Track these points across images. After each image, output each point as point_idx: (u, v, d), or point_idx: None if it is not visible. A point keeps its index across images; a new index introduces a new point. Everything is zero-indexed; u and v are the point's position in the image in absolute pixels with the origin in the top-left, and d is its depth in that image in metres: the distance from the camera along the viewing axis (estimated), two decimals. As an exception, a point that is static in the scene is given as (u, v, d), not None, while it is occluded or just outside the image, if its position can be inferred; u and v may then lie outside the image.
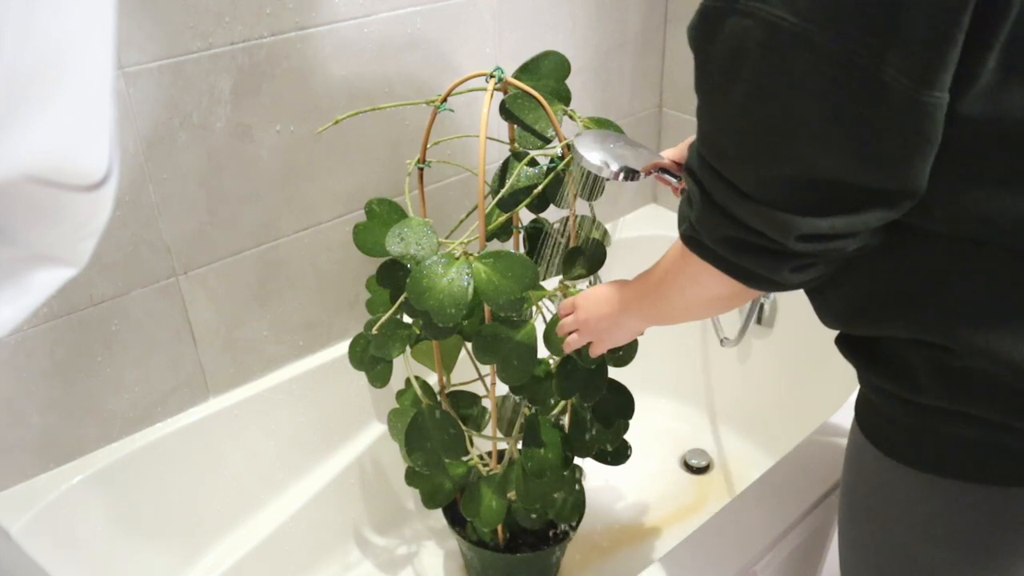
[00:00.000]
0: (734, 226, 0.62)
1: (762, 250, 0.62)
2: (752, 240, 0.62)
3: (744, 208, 0.61)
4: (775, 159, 0.57)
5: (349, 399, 1.41)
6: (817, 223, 0.58)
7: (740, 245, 0.63)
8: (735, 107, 0.57)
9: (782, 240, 0.60)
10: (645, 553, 1.47)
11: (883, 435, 0.73)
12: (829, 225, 0.58)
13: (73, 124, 0.36)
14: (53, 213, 0.39)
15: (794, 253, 0.61)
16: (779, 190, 0.58)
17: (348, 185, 1.29)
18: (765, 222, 0.60)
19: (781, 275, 0.63)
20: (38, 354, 1.09)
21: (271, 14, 1.11)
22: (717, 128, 0.61)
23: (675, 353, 1.76)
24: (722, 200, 0.62)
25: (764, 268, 0.63)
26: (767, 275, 0.64)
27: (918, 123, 0.53)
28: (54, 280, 0.41)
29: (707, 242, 0.66)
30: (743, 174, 0.60)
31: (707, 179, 0.63)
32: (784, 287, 0.66)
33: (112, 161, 0.39)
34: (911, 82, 0.51)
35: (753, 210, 0.60)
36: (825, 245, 0.60)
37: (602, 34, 1.55)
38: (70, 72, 0.34)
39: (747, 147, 0.59)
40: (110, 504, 1.19)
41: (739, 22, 0.54)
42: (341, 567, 1.45)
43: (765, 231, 0.60)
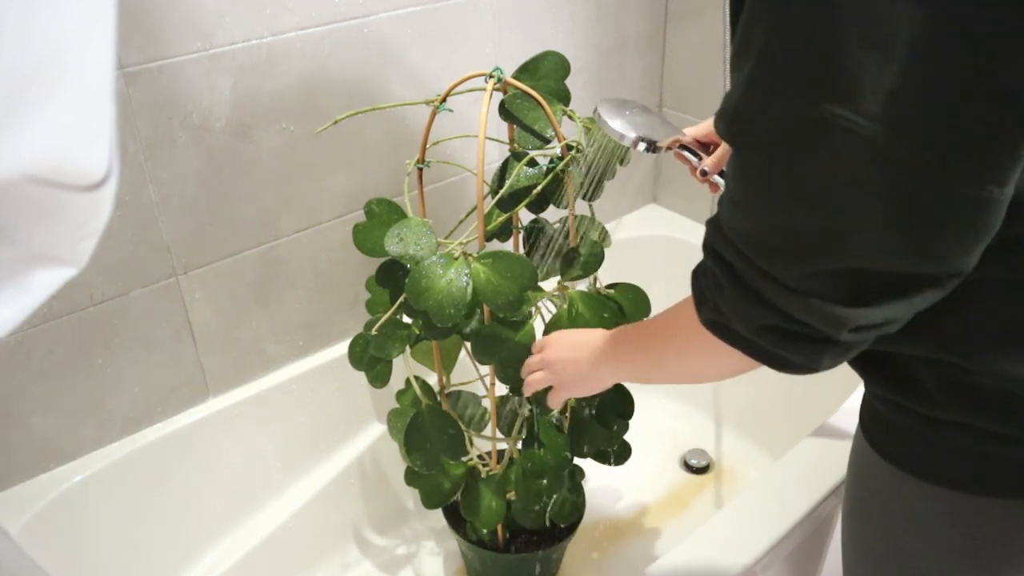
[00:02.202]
0: (776, 316, 0.58)
1: (806, 339, 0.58)
2: (795, 330, 0.58)
3: (790, 301, 0.57)
4: (829, 256, 0.54)
5: (349, 399, 1.41)
6: (870, 314, 0.55)
7: (782, 335, 0.59)
8: (787, 204, 0.54)
9: (832, 333, 0.57)
10: (645, 553, 1.47)
11: (889, 444, 0.72)
12: (882, 315, 0.55)
13: (73, 124, 0.36)
14: (53, 213, 0.39)
15: (841, 343, 0.58)
16: (829, 284, 0.55)
17: (348, 185, 1.30)
18: (814, 315, 0.56)
19: (821, 364, 0.60)
20: (38, 354, 1.09)
21: (271, 14, 1.11)
22: (762, 222, 0.57)
23: (675, 353, 1.76)
24: (762, 290, 0.58)
25: (804, 358, 0.60)
26: (805, 364, 0.61)
27: (984, 217, 0.51)
28: (54, 280, 0.41)
29: (740, 331, 0.62)
30: (788, 269, 0.56)
31: (741, 266, 0.59)
32: (815, 370, 0.62)
33: (112, 161, 0.39)
34: (979, 179, 0.49)
35: (800, 303, 0.56)
36: (874, 333, 0.57)
37: (602, 34, 1.55)
38: (70, 72, 0.34)
39: (799, 244, 0.55)
40: (110, 504, 1.19)
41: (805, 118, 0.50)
42: (341, 567, 1.45)
43: (813, 323, 0.57)
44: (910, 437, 0.69)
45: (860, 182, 0.50)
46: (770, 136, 0.53)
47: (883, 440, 0.73)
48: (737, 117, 0.55)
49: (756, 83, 0.52)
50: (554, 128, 0.99)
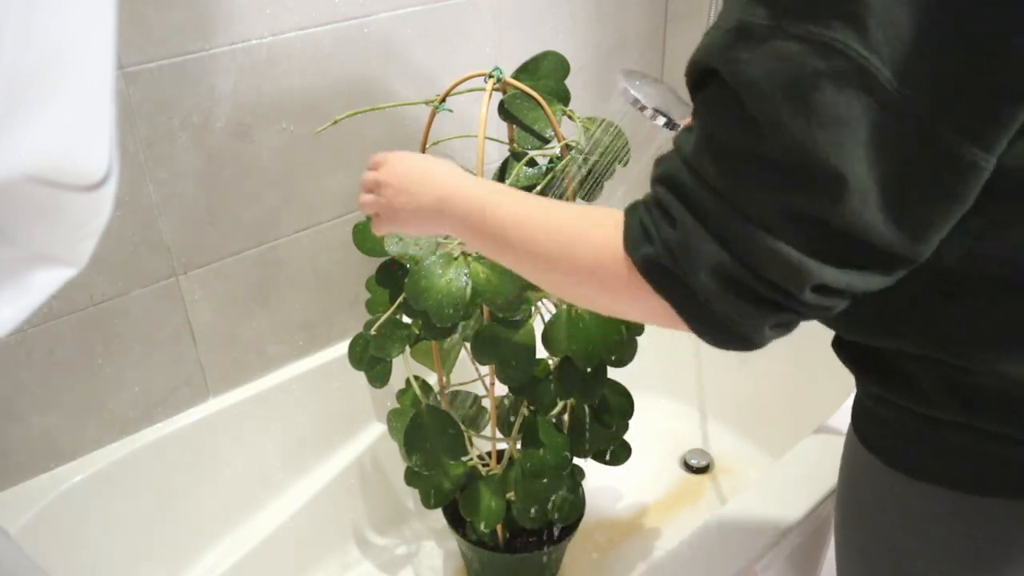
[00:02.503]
0: (732, 259, 0.52)
1: (754, 295, 0.52)
2: (746, 281, 0.52)
3: (755, 243, 0.51)
4: (812, 195, 0.49)
5: (349, 399, 1.42)
6: (837, 275, 0.51)
7: (728, 286, 0.53)
8: (769, 130, 0.50)
9: (794, 289, 0.51)
10: (645, 553, 1.47)
11: (883, 443, 0.72)
12: (845, 281, 0.51)
13: (73, 124, 0.36)
14: (53, 213, 0.39)
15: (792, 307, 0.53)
16: (802, 228, 0.50)
17: (348, 185, 1.30)
18: (779, 265, 0.51)
19: (760, 331, 0.54)
20: (38, 354, 1.09)
21: (271, 14, 1.11)
22: (737, 147, 0.52)
23: (675, 353, 1.76)
24: (723, 230, 0.52)
25: (746, 317, 0.53)
26: (743, 330, 0.54)
27: (961, 183, 0.49)
28: (54, 280, 0.41)
29: (680, 275, 0.54)
30: (762, 202, 0.51)
31: (705, 201, 0.53)
32: (746, 345, 0.56)
33: (112, 161, 0.39)
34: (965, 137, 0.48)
35: (767, 247, 0.50)
36: (829, 301, 0.53)
37: (602, 34, 1.55)
38: (70, 72, 0.34)
39: (778, 172, 0.50)
40: (110, 504, 1.19)
41: (787, 46, 0.48)
42: (341, 567, 1.45)
43: (775, 277, 0.51)
44: (905, 436, 0.69)
45: (848, 114, 0.48)
46: (759, 66, 0.49)
47: (877, 439, 0.73)
48: (733, 41, 0.50)
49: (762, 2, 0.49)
50: (554, 128, 0.99)
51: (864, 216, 0.50)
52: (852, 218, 0.50)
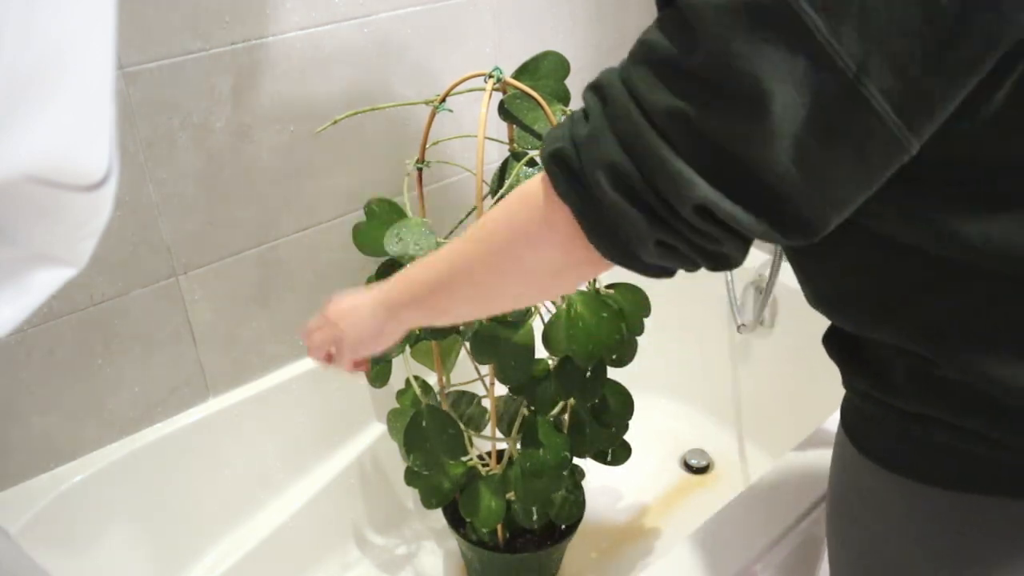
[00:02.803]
0: (626, 162, 0.52)
1: (640, 204, 0.53)
2: (635, 185, 0.52)
3: (650, 147, 0.51)
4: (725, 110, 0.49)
5: (349, 399, 1.42)
6: (722, 202, 0.50)
7: (619, 185, 0.53)
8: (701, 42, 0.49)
9: (675, 201, 0.51)
10: (645, 553, 1.47)
11: (863, 436, 0.73)
12: (727, 209, 0.50)
13: (73, 124, 0.36)
14: (53, 213, 0.39)
15: (679, 222, 0.52)
16: (701, 145, 0.50)
17: (348, 185, 1.30)
18: (666, 172, 0.51)
19: (644, 245, 0.54)
20: (38, 354, 1.09)
21: (271, 14, 1.11)
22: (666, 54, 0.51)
23: (675, 353, 1.76)
24: (627, 131, 0.53)
25: (631, 224, 0.53)
26: (629, 238, 0.54)
27: (874, 152, 0.49)
28: (54, 280, 0.41)
29: (580, 170, 0.55)
30: (671, 111, 0.51)
31: (619, 101, 0.54)
32: (634, 263, 0.57)
33: (112, 161, 0.39)
34: (892, 112, 0.47)
35: (660, 154, 0.51)
36: (710, 228, 0.52)
37: (602, 34, 1.55)
38: (70, 72, 0.34)
39: (695, 82, 0.50)
40: (110, 504, 1.19)
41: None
42: (341, 567, 1.45)
43: (660, 184, 0.51)
44: (883, 430, 0.70)
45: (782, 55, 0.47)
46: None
47: (860, 434, 0.73)
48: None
49: None
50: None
51: (767, 149, 0.49)
52: (754, 147, 0.49)
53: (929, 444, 0.66)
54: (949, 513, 0.68)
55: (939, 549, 0.70)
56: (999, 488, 0.65)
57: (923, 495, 0.68)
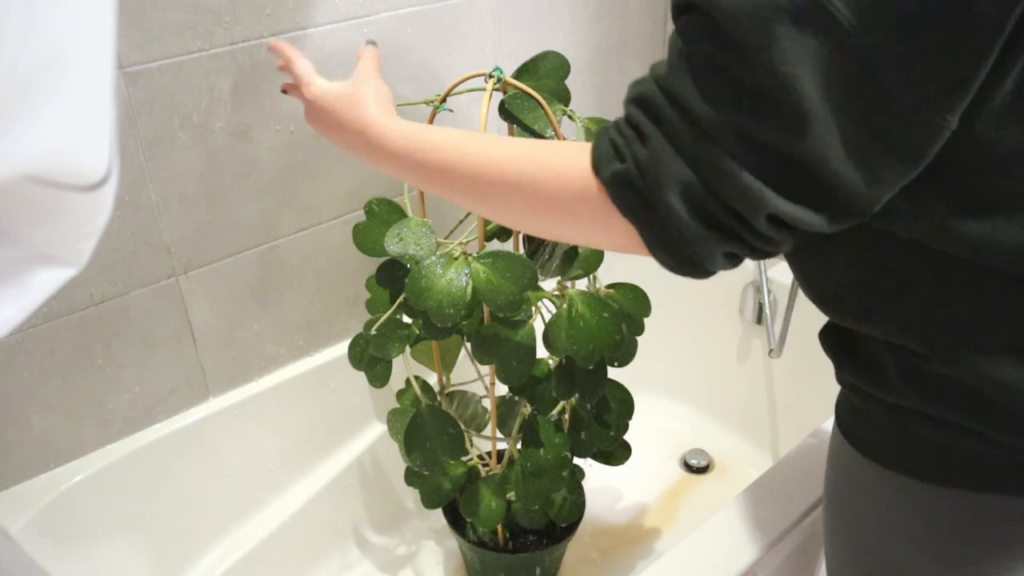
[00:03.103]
0: (697, 183, 0.53)
1: (712, 221, 0.54)
2: (708, 205, 0.53)
3: (718, 166, 0.52)
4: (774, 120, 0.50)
5: (349, 399, 1.42)
6: (791, 208, 0.52)
7: (691, 206, 0.53)
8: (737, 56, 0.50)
9: (749, 216, 0.52)
10: (645, 553, 1.47)
11: (856, 432, 0.73)
12: (797, 215, 0.52)
13: (73, 124, 0.36)
14: (53, 213, 0.39)
15: (752, 233, 0.53)
16: (763, 157, 0.51)
17: (348, 185, 1.30)
18: (739, 191, 0.51)
19: (713, 257, 0.55)
20: (38, 354, 1.09)
21: (271, 14, 1.11)
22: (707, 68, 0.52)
23: (675, 353, 1.76)
24: (691, 150, 0.53)
25: (702, 241, 0.54)
26: (697, 252, 0.55)
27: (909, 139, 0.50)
28: (54, 280, 0.41)
29: (649, 193, 0.54)
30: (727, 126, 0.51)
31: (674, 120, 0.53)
32: (696, 272, 0.57)
33: (112, 161, 0.39)
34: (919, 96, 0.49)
35: (729, 171, 0.51)
36: (779, 235, 0.54)
37: (602, 34, 1.55)
38: (70, 72, 0.34)
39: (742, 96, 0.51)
40: (110, 504, 1.19)
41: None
42: (341, 567, 1.45)
43: (734, 201, 0.52)
44: (876, 426, 0.70)
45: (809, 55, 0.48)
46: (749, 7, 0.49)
47: (854, 430, 0.74)
48: None
49: None
50: (554, 128, 0.99)
51: (822, 152, 0.50)
52: (811, 153, 0.50)
53: (920, 440, 0.66)
54: (941, 510, 0.68)
55: (932, 546, 0.71)
56: (974, 483, 0.65)
57: (916, 491, 0.69)
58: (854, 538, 0.78)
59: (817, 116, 0.49)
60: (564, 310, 1.02)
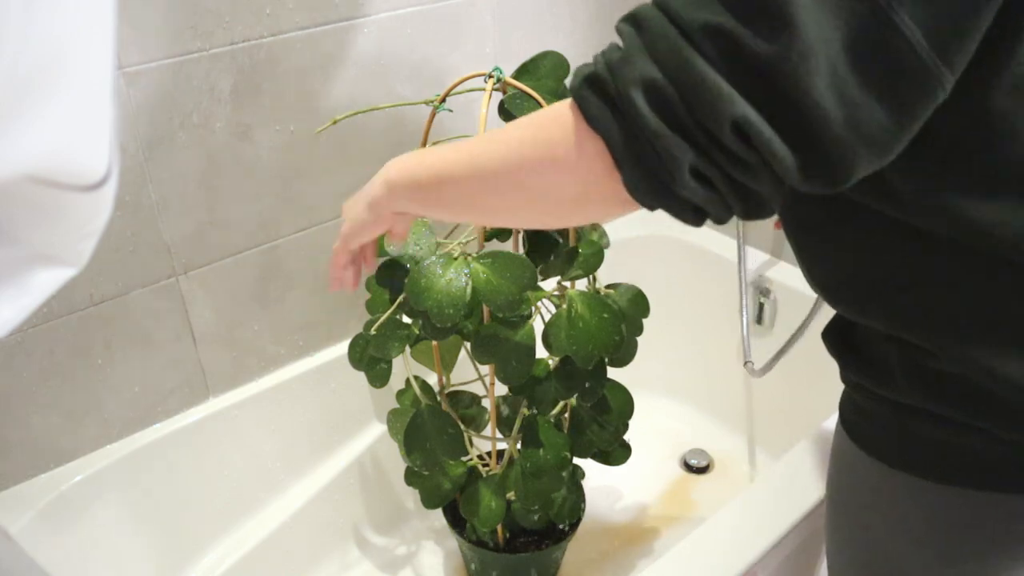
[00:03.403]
0: (663, 80, 0.50)
1: (676, 124, 0.50)
2: (672, 104, 0.50)
3: (687, 63, 0.49)
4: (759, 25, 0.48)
5: (349, 399, 1.42)
6: (759, 123, 0.48)
7: (655, 104, 0.51)
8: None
9: (713, 122, 0.49)
10: (645, 553, 1.47)
11: (859, 430, 0.73)
12: (767, 137, 0.48)
13: (73, 124, 0.36)
14: (53, 213, 0.39)
15: (715, 145, 0.50)
16: (738, 61, 0.49)
17: (348, 185, 1.30)
18: (704, 89, 0.49)
19: (679, 172, 0.51)
20: (38, 354, 1.09)
21: (271, 14, 1.11)
22: None
23: (675, 353, 1.76)
24: (663, 50, 0.50)
25: (668, 149, 0.51)
26: (664, 164, 0.51)
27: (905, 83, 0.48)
28: (54, 280, 0.41)
29: (614, 91, 0.52)
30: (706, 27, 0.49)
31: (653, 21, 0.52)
32: (664, 197, 0.54)
33: (112, 161, 0.39)
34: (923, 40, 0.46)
35: (698, 69, 0.49)
36: (747, 155, 0.50)
37: (602, 34, 1.55)
38: (70, 72, 0.34)
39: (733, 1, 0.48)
40: (110, 504, 1.19)
41: None
42: (341, 567, 1.45)
43: (697, 102, 0.49)
44: (879, 425, 0.70)
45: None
46: None
47: (857, 429, 0.74)
48: None
49: None
50: (554, 128, 0.99)
51: (803, 69, 0.47)
52: (790, 66, 0.47)
53: (923, 438, 0.66)
54: (943, 508, 0.68)
55: (933, 544, 0.71)
56: (977, 480, 0.65)
57: (919, 489, 0.68)
58: (856, 536, 0.78)
59: (806, 31, 0.47)
60: (564, 310, 1.02)
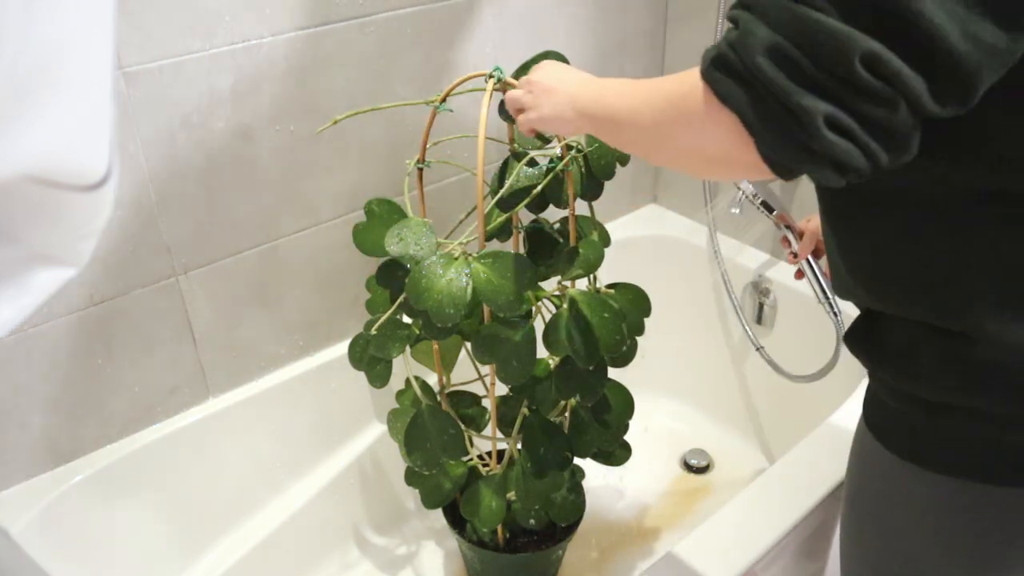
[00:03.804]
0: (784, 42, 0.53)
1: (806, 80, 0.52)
2: (798, 61, 0.52)
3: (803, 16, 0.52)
4: None
5: (349, 399, 1.41)
6: (885, 53, 0.50)
7: (782, 66, 0.53)
8: None
9: (842, 64, 0.51)
10: (645, 553, 1.47)
11: (893, 434, 0.73)
12: (896, 66, 0.50)
13: (73, 124, 0.36)
14: (53, 213, 0.39)
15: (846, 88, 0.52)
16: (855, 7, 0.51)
17: (348, 185, 1.30)
18: (826, 35, 0.51)
19: (815, 127, 0.52)
20: (38, 354, 1.09)
21: (271, 14, 1.11)
22: None
23: (675, 353, 1.76)
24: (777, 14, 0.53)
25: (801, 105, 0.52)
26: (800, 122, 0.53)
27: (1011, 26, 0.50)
28: (54, 280, 0.41)
29: (741, 65, 0.55)
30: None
31: None
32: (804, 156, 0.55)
33: (112, 161, 0.39)
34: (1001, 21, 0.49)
35: (813, 18, 0.51)
36: (879, 87, 0.51)
37: (602, 34, 1.55)
38: (70, 72, 0.34)
39: None
40: (110, 504, 1.19)
41: None
42: (341, 567, 1.45)
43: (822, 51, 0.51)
44: (912, 425, 0.69)
45: None
46: None
47: (887, 429, 0.73)
48: None
49: None
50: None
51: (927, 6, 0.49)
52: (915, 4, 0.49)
53: (961, 437, 0.66)
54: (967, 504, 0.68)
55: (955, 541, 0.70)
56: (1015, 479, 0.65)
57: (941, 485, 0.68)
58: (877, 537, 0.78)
59: None
60: (564, 310, 1.02)
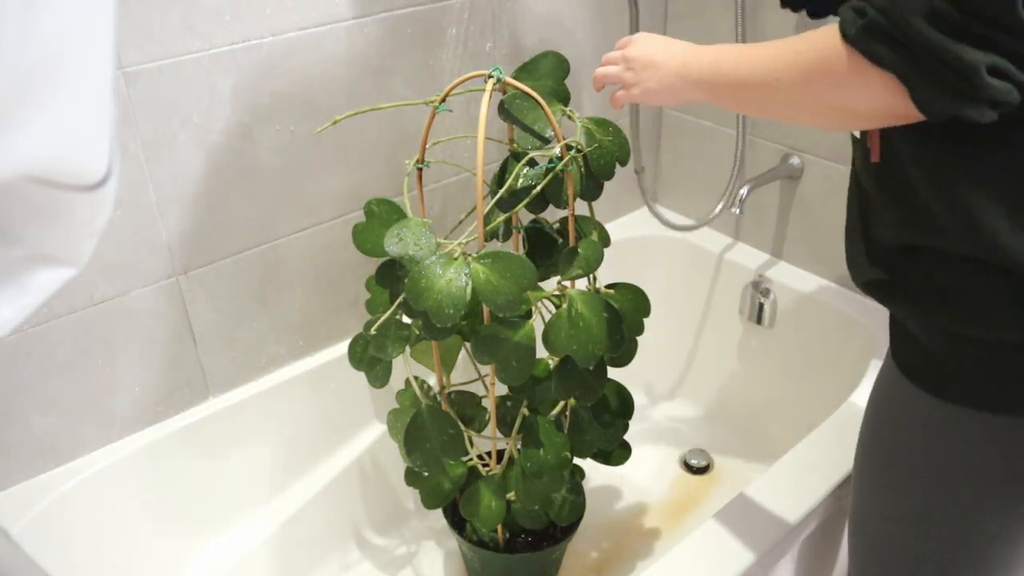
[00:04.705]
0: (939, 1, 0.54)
1: (965, 34, 0.54)
2: (955, 17, 0.54)
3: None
4: None
5: (349, 399, 1.42)
6: None
7: (940, 24, 0.55)
8: None
9: (1000, 7, 0.53)
10: (645, 553, 1.47)
11: (933, 376, 0.73)
12: None
13: (73, 124, 0.36)
14: (53, 213, 0.39)
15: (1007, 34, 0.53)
16: None
17: (348, 185, 1.30)
18: None
19: (978, 73, 0.54)
20: (38, 354, 1.09)
21: (271, 14, 1.11)
22: None
23: (675, 353, 1.76)
24: None
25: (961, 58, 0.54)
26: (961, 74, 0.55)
27: None
28: (54, 280, 0.41)
29: (897, 29, 0.56)
30: None
31: None
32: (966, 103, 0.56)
33: (112, 161, 0.39)
34: None
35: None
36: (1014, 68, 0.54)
37: (602, 34, 1.55)
38: (70, 72, 0.34)
39: None
40: (110, 504, 1.19)
41: None
42: (341, 567, 1.45)
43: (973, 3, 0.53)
44: (968, 368, 0.70)
45: None
46: None
47: (931, 376, 0.73)
48: None
49: None
50: (553, 128, 0.99)
51: None
52: None
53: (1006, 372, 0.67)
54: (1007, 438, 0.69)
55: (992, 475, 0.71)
56: None
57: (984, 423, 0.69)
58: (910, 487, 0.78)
59: None
60: (564, 310, 1.02)
